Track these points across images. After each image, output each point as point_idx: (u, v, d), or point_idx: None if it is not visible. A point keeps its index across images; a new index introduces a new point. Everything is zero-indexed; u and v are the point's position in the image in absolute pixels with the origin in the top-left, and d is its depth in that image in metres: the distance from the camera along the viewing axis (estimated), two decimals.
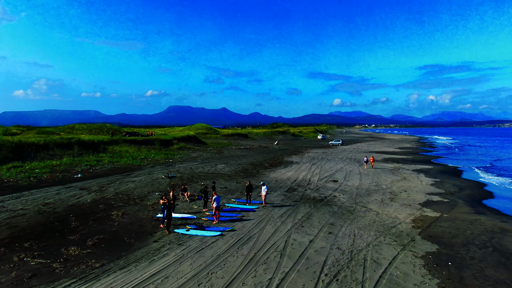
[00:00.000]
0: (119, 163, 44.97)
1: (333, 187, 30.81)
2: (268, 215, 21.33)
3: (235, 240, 16.98)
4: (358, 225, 19.42)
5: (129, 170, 39.95)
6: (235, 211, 22.54)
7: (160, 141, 68.72)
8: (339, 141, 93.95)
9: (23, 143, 44.63)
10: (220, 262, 14.28)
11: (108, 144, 57.57)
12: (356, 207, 23.47)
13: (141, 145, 62.73)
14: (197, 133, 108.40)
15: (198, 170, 41.05)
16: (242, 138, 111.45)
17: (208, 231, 18.12)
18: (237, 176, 36.98)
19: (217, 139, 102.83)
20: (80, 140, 53.50)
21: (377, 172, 40.10)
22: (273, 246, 16.07)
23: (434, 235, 17.72)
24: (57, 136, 53.04)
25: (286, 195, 27.21)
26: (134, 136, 73.00)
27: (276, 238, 17.20)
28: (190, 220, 20.58)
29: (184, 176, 36.18)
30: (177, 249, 15.80)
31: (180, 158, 54.01)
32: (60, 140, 50.49)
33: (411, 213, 22.01)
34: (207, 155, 59.82)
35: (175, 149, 66.00)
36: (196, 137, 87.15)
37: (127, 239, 17.27)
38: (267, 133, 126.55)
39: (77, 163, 42.37)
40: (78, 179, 33.48)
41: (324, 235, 17.66)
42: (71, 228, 18.66)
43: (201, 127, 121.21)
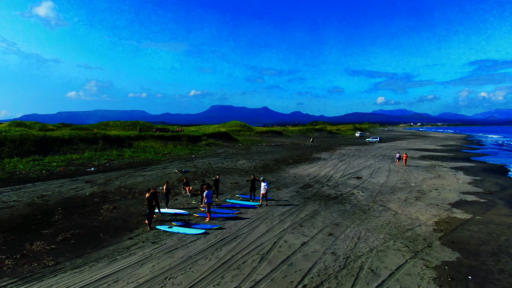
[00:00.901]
0: (139, 158, 44.24)
1: (354, 184, 27.83)
2: (268, 213, 18.99)
3: (218, 239, 14.83)
4: (368, 226, 16.60)
5: (146, 164, 38.98)
6: (234, 208, 20.34)
7: (188, 137, 67.89)
8: (377, 138, 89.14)
9: (47, 138, 44.99)
10: (188, 265, 12.18)
11: (135, 139, 57.32)
12: (373, 206, 20.51)
13: (168, 141, 62.08)
14: (230, 130, 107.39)
15: (217, 165, 39.31)
16: (276, 135, 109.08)
17: (192, 229, 16.10)
18: (254, 171, 34.80)
19: (250, 136, 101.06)
20: (106, 135, 53.54)
21: (409, 169, 36.34)
22: (258, 248, 13.74)
23: (458, 241, 14.56)
24: (82, 131, 53.31)
25: (298, 192, 24.69)
26: (163, 132, 72.81)
27: (266, 238, 14.84)
28: (181, 216, 18.65)
29: (199, 171, 34.54)
30: (148, 248, 13.90)
31: (204, 153, 52.70)
32: (85, 135, 50.67)
33: (437, 214, 18.76)
34: (233, 151, 58.13)
35: (203, 145, 64.88)
36: (228, 134, 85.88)
37: (102, 235, 15.63)
38: (303, 130, 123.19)
39: (97, 157, 42.01)
40: (90, 172, 32.80)
41: (322, 236, 15.05)
42: (51, 222, 17.36)
43: (235, 124, 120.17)
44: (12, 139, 41.30)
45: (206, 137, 74.31)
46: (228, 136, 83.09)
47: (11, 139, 41.14)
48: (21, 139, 41.99)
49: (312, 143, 79.61)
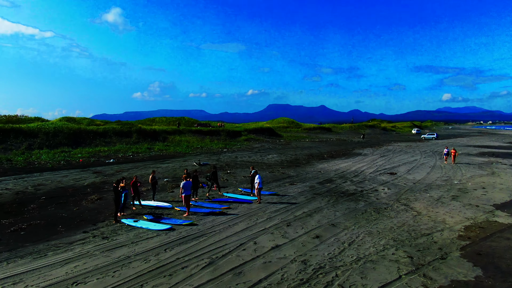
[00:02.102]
0: (168, 151, 43.18)
1: (384, 180, 23.98)
2: (261, 209, 16.26)
3: (179, 237, 12.38)
4: (373, 228, 13.22)
5: (170, 157, 37.64)
6: (226, 202, 17.72)
7: (228, 132, 66.32)
8: (433, 135, 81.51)
9: (81, 131, 45.47)
10: (117, 267, 9.83)
11: (171, 133, 56.73)
12: (393, 205, 16.86)
13: (206, 136, 60.92)
14: (277, 126, 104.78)
15: (243, 159, 36.93)
16: (325, 132, 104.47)
17: (158, 224, 13.74)
18: (278, 166, 31.97)
19: (297, 132, 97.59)
20: (141, 129, 53.41)
21: (458, 166, 31.23)
22: (216, 250, 11.03)
23: (486, 253, 10.72)
24: (118, 125, 53.58)
25: (313, 187, 21.62)
26: (204, 127, 72.02)
27: (235, 239, 12.08)
28: (162, 210, 16.48)
29: (219, 164, 32.34)
30: (91, 244, 11.82)
31: (237, 148, 50.66)
32: (120, 129, 50.81)
33: (471, 217, 14.72)
34: (269, 146, 55.48)
35: (241, 140, 62.93)
36: (272, 130, 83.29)
37: (61, 227, 13.91)
38: (353, 127, 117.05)
39: (125, 150, 41.53)
40: (108, 164, 32.04)
41: (305, 239, 11.95)
42: (20, 211, 16.06)
43: (283, 120, 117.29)
44: (46, 131, 42.00)
45: (247, 132, 72.30)
46: (271, 132, 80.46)
47: (45, 132, 41.84)
48: (55, 132, 42.62)
49: (363, 139, 74.58)
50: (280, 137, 76.56)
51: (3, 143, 36.99)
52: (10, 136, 38.44)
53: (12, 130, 39.60)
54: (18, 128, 40.44)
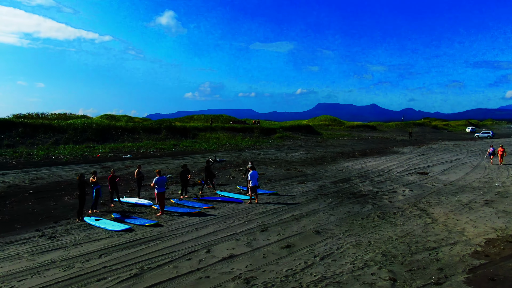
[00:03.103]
0: (192, 148, 42.26)
1: (410, 181, 20.97)
2: (244, 211, 14.20)
3: (129, 240, 10.73)
4: (365, 237, 10.75)
5: (190, 153, 36.58)
6: (214, 201, 15.82)
7: (261, 130, 64.57)
8: (489, 133, 74.24)
9: (110, 127, 45.76)
10: (25, 275, 8.25)
11: (202, 130, 55.96)
12: (405, 210, 14.10)
13: (238, 133, 59.59)
14: (318, 124, 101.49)
15: (265, 156, 34.93)
16: (368, 130, 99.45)
17: (119, 224, 12.12)
18: (299, 163, 29.77)
19: (339, 130, 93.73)
20: (171, 125, 53.09)
21: (507, 167, 26.99)
22: (157, 258, 9.20)
23: (504, 278, 7.89)
24: (146, 122, 53.52)
25: (322, 187, 19.31)
26: (239, 124, 70.77)
27: (190, 245, 10.16)
28: (140, 208, 14.97)
29: (234, 161, 30.57)
30: (30, 245, 10.53)
31: (266, 145, 48.74)
32: (149, 125, 50.73)
33: (500, 227, 11.66)
34: (302, 143, 52.98)
35: (275, 138, 60.91)
36: (310, 127, 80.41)
37: (20, 223, 12.85)
38: (400, 125, 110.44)
39: (150, 146, 41.04)
40: (124, 159, 31.45)
41: (272, 249, 9.73)
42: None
43: (325, 118, 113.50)
44: (75, 127, 42.53)
45: (282, 130, 70.11)
46: (309, 130, 77.54)
47: (73, 127, 42.38)
48: (83, 128, 43.07)
49: (410, 138, 69.69)
50: (318, 135, 73.54)
51: (32, 138, 37.73)
52: (39, 132, 39.16)
53: (42, 125, 40.41)
54: (48, 124, 41.24)
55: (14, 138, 36.73)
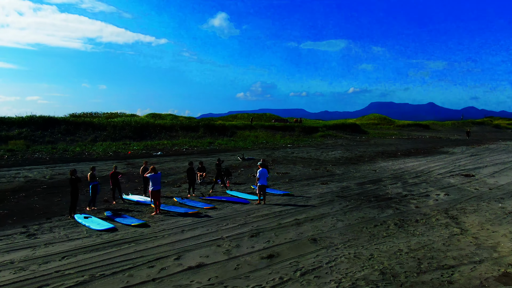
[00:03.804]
0: (227, 145, 41.64)
1: (450, 183, 18.63)
2: (245, 213, 12.95)
3: (105, 241, 9.95)
4: (368, 249, 9.14)
5: (222, 151, 36.07)
6: (217, 201, 14.76)
7: (303, 128, 62.75)
8: None
9: (148, 125, 46.33)
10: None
11: (241, 129, 55.29)
12: (432, 217, 12.15)
13: (278, 131, 58.24)
14: (366, 123, 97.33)
15: (298, 155, 33.39)
16: (421, 129, 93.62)
17: (103, 223, 11.38)
18: (331, 163, 28.00)
19: (388, 129, 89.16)
20: (210, 124, 52.88)
21: None
22: (118, 264, 8.22)
23: None
24: (186, 120, 53.69)
25: (346, 188, 17.74)
26: (281, 123, 69.40)
27: (164, 249, 9.12)
28: (139, 206, 14.25)
29: (265, 159, 29.25)
30: (4, 241, 10.08)
31: (306, 143, 47.07)
32: (188, 123, 50.86)
33: None
34: (343, 142, 50.55)
35: (317, 136, 58.86)
36: (356, 126, 77.07)
37: (15, 218, 12.56)
38: (457, 124, 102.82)
39: (184, 144, 40.92)
40: (155, 156, 31.34)
41: (250, 259, 8.42)
42: (8, 198, 15.51)
43: (374, 117, 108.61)
44: (114, 125, 43.47)
45: (325, 128, 67.64)
46: (355, 128, 74.26)
47: (113, 125, 43.33)
48: (123, 125, 43.89)
49: (468, 138, 64.44)
50: (364, 134, 70.16)
51: (72, 135, 38.95)
52: (80, 129, 40.36)
53: (83, 123, 41.67)
54: (88, 122, 42.47)
55: (56, 135, 38.09)
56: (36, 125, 38.14)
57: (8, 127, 36.41)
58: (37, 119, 39.40)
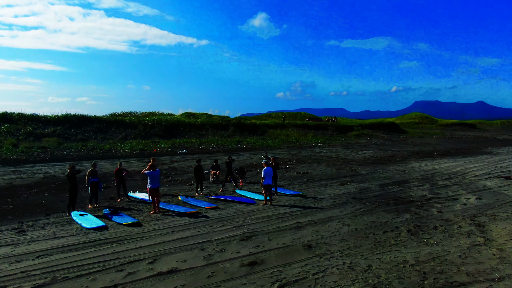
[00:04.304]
0: (256, 144, 41.11)
1: (486, 186, 16.90)
2: (247, 213, 12.08)
3: (88, 241, 9.55)
4: (367, 260, 8.08)
5: (248, 149, 35.50)
6: (222, 200, 14.10)
7: (337, 127, 60.98)
8: None
9: (179, 123, 46.61)
10: None
11: (273, 127, 54.49)
12: (455, 224, 10.80)
13: (311, 130, 56.89)
14: (407, 122, 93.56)
15: (326, 154, 32.16)
16: (466, 128, 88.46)
17: (97, 221, 11.05)
18: (358, 162, 26.69)
19: (430, 128, 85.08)
20: (240, 122, 52.50)
21: None
22: (86, 266, 7.69)
23: None
24: (217, 118, 53.46)
25: (365, 189, 16.50)
26: (315, 121, 67.91)
27: (143, 252, 8.56)
28: (142, 204, 13.87)
29: (287, 158, 28.42)
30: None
31: (338, 142, 45.63)
32: (218, 122, 50.70)
33: None
34: (378, 141, 48.51)
35: (351, 135, 57.00)
36: (395, 125, 74.00)
37: (16, 214, 12.44)
38: (507, 123, 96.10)
39: (212, 142, 40.74)
40: (179, 154, 31.31)
41: (229, 266, 7.60)
42: (20, 194, 15.62)
43: (415, 116, 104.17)
44: (145, 123, 44.04)
45: (361, 127, 65.33)
46: (393, 127, 71.23)
47: (144, 124, 43.92)
48: (153, 124, 44.38)
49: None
50: (403, 133, 67.13)
51: (104, 133, 39.82)
52: (111, 127, 41.15)
53: (115, 121, 42.51)
54: (120, 120, 43.29)
55: (88, 133, 39.04)
56: (70, 124, 39.23)
57: (44, 125, 37.62)
58: (71, 118, 40.54)
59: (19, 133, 34.33)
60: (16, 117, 37.43)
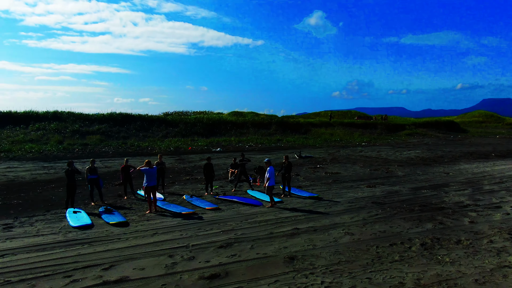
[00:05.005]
0: (295, 143, 40.09)
1: None
2: (247, 216, 11.10)
3: (64, 240, 9.04)
4: (355, 279, 6.70)
5: (285, 148, 34.66)
6: (227, 201, 13.20)
7: (387, 126, 57.84)
8: None
9: (220, 122, 46.54)
10: None
11: (317, 126, 52.83)
12: (486, 237, 9.03)
13: (358, 129, 54.38)
14: (469, 121, 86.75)
15: (366, 154, 30.24)
16: None
17: (82, 219, 10.69)
18: (398, 163, 24.57)
19: (495, 128, 78.16)
20: (283, 121, 51.41)
21: None
22: (36, 270, 7.07)
23: None
24: (258, 117, 52.68)
25: (393, 193, 14.79)
26: (365, 120, 64.96)
27: (104, 256, 7.92)
28: (145, 203, 13.27)
29: (322, 158, 26.96)
30: None
31: (384, 142, 43.12)
32: (259, 120, 50.01)
33: None
34: (429, 141, 45.15)
35: (401, 135, 53.77)
36: (454, 124, 68.86)
37: (20, 209, 12.55)
38: None
39: (251, 140, 40.12)
40: (213, 152, 31.04)
41: (185, 278, 6.67)
42: (38, 189, 15.64)
43: (479, 114, 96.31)
44: (186, 121, 44.41)
45: (414, 126, 61.33)
46: (452, 126, 66.18)
47: (185, 122, 44.31)
48: (194, 122, 44.63)
49: None
50: (462, 132, 62.10)
51: (146, 131, 40.65)
52: (153, 126, 41.90)
53: (157, 120, 43.29)
54: (162, 119, 44.01)
55: (131, 131, 40.00)
56: (114, 122, 40.42)
57: (90, 123, 39.06)
58: (116, 116, 41.79)
59: (66, 131, 35.84)
60: (66, 116, 39.16)
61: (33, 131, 34.47)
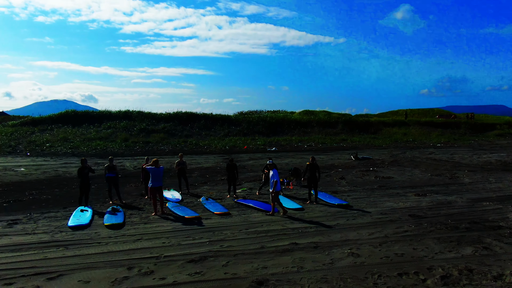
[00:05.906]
0: (360, 143, 37.81)
1: None
2: (253, 224, 10.09)
3: (49, 240, 8.87)
4: None
5: (344, 149, 32.40)
6: (242, 205, 12.25)
7: (472, 125, 51.77)
8: None
9: (283, 121, 45.59)
10: None
11: (389, 125, 49.30)
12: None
13: (437, 128, 49.54)
14: None
15: (436, 156, 27.41)
16: None
17: (82, 219, 10.55)
18: (470, 168, 21.25)
19: None
20: (351, 120, 48.80)
21: None
22: (9, 272, 6.81)
23: None
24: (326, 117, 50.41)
25: (445, 204, 12.51)
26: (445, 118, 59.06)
27: (67, 262, 7.39)
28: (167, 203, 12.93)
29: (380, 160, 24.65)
30: None
31: (462, 143, 38.73)
32: (325, 118, 47.96)
33: None
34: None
35: (490, 135, 47.77)
36: None
37: (44, 205, 13.15)
38: None
39: (312, 140, 38.75)
40: (268, 152, 30.33)
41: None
42: (60, 185, 16.14)
43: None
44: (249, 120, 44.15)
45: (507, 126, 54.00)
46: None
47: (248, 121, 44.08)
48: (257, 121, 44.21)
49: None
50: None
51: (208, 129, 41.15)
52: (216, 124, 42.29)
53: (220, 118, 43.65)
54: (225, 117, 44.22)
55: (194, 129, 40.76)
56: (179, 120, 41.50)
57: (157, 122, 40.54)
58: (181, 115, 42.91)
59: (134, 129, 37.56)
60: (135, 115, 41.13)
61: (104, 129, 36.63)
